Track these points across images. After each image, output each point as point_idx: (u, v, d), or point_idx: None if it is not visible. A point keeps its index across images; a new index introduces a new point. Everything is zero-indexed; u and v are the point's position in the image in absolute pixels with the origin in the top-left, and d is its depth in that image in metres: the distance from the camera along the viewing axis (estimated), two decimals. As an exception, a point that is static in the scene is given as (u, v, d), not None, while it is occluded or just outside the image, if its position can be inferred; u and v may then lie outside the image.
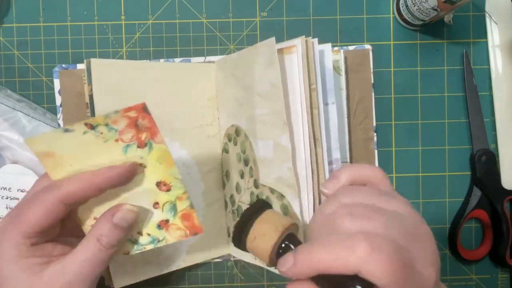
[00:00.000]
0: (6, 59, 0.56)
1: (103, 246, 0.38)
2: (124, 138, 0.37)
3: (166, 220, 0.40)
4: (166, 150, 0.38)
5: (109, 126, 0.36)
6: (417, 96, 0.57)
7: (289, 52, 0.45)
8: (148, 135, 0.37)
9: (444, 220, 0.57)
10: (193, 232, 0.41)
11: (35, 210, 0.37)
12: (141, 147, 0.38)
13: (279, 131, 0.44)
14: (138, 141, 0.38)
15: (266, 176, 0.47)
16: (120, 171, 0.38)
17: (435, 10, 0.50)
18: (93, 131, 0.36)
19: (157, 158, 0.38)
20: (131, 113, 0.36)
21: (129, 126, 0.37)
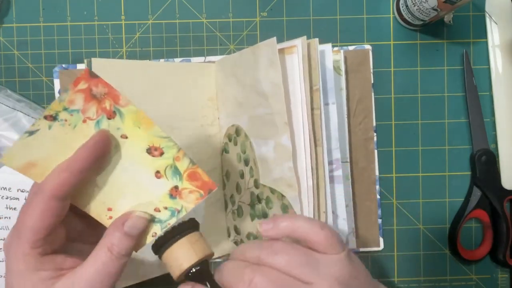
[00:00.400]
0: (6, 59, 0.56)
1: (114, 255, 0.37)
2: (90, 115, 0.36)
3: (175, 187, 0.39)
4: (137, 109, 0.36)
5: (69, 110, 0.35)
6: (417, 96, 0.57)
7: (290, 52, 0.45)
8: (111, 102, 0.36)
9: (444, 220, 0.57)
10: (207, 190, 0.39)
11: (30, 215, 0.36)
12: (111, 117, 0.36)
13: (280, 131, 0.44)
14: (105, 112, 0.36)
15: (267, 176, 0.47)
16: (91, 144, 0.36)
17: (435, 10, 0.50)
18: (56, 122, 0.35)
19: (133, 122, 0.37)
20: (82, 85, 0.34)
21: (88, 100, 0.35)
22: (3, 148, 0.53)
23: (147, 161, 0.38)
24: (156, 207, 0.39)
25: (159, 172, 0.39)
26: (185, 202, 0.39)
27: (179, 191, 0.39)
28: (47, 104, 0.56)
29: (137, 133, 0.37)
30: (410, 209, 0.57)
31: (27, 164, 0.36)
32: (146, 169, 0.39)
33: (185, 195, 0.39)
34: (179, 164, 0.38)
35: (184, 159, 0.38)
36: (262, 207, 0.48)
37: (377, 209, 0.56)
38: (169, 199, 0.39)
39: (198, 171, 0.39)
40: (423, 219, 0.57)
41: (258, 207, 0.49)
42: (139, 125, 0.37)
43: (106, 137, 0.37)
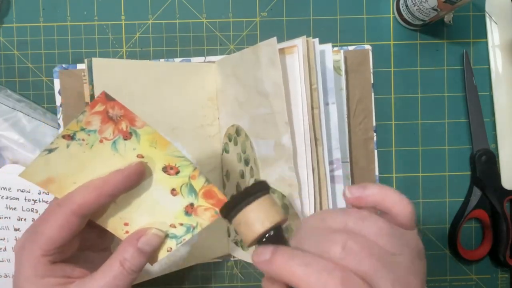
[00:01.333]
0: (6, 59, 0.56)
1: (125, 270, 0.37)
2: (107, 135, 0.37)
3: (190, 204, 0.39)
4: (154, 131, 0.37)
5: (86, 130, 0.36)
6: (417, 96, 0.57)
7: (290, 52, 0.45)
8: (127, 123, 0.36)
9: (444, 220, 0.57)
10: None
11: (50, 225, 0.36)
12: (127, 138, 0.37)
13: (281, 131, 0.44)
14: (122, 133, 0.37)
15: (267, 176, 0.47)
16: (127, 173, 0.37)
17: (435, 10, 0.50)
18: (74, 141, 0.36)
19: (149, 143, 0.37)
20: (99, 107, 0.35)
21: (104, 122, 0.36)
22: (3, 148, 0.53)
23: (163, 179, 0.39)
24: (172, 223, 0.40)
25: (174, 189, 0.39)
26: (200, 219, 0.40)
27: (194, 208, 0.40)
28: (47, 104, 0.56)
29: (153, 153, 0.38)
30: (410, 209, 0.57)
31: (47, 180, 0.37)
32: (163, 187, 0.39)
33: (200, 212, 0.40)
34: (194, 182, 0.39)
35: (200, 178, 0.39)
36: (263, 207, 0.48)
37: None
38: (185, 215, 0.40)
39: (213, 189, 0.39)
40: (423, 219, 0.57)
41: (259, 207, 0.49)
42: (155, 146, 0.37)
43: (142, 170, 0.38)
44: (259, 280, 0.57)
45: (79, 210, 0.36)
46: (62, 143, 0.36)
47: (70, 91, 0.54)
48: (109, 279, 0.37)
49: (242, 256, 0.53)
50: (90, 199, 0.36)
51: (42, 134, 0.54)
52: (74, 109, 0.54)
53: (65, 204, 0.36)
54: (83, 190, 0.37)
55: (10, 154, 0.53)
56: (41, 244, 0.36)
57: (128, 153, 0.38)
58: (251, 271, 0.57)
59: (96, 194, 0.36)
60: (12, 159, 0.53)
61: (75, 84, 0.54)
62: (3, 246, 0.53)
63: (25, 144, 0.53)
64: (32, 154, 0.53)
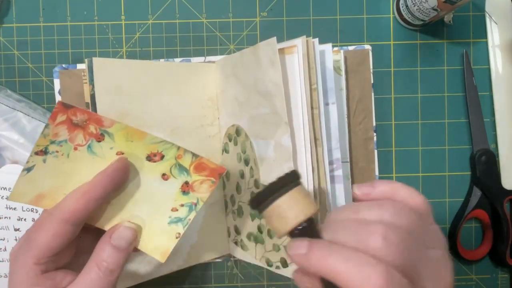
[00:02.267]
0: (6, 59, 0.56)
1: (102, 272, 0.37)
2: (79, 142, 0.37)
3: (185, 182, 0.39)
4: (125, 126, 0.37)
5: (56, 142, 0.36)
6: (417, 96, 0.57)
7: (290, 52, 0.45)
8: (95, 126, 0.36)
9: (444, 220, 0.57)
10: (217, 175, 0.39)
11: (43, 234, 0.36)
12: (100, 140, 0.37)
13: (280, 131, 0.44)
14: (93, 136, 0.37)
15: (267, 176, 0.47)
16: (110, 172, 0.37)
17: (435, 10, 0.50)
18: (49, 155, 0.36)
19: (125, 139, 0.37)
20: (60, 118, 0.35)
21: (71, 130, 0.36)
22: (3, 148, 0.53)
23: (151, 168, 0.39)
24: (173, 207, 0.40)
25: (165, 174, 0.39)
26: (199, 193, 0.40)
27: (190, 185, 0.39)
28: (47, 104, 0.56)
29: (131, 146, 0.38)
30: (410, 209, 0.57)
31: (37, 196, 0.37)
32: (153, 175, 0.39)
33: (197, 187, 0.39)
34: (182, 161, 0.39)
35: (186, 155, 0.39)
36: (263, 207, 0.48)
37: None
38: (183, 195, 0.40)
39: (203, 161, 0.39)
40: (423, 219, 0.57)
41: (259, 207, 0.49)
42: (131, 139, 0.37)
43: (124, 164, 0.38)
44: (259, 280, 0.57)
45: (71, 218, 0.36)
46: (37, 160, 0.36)
47: (70, 91, 0.54)
48: (87, 284, 0.36)
49: (242, 256, 0.53)
50: (80, 205, 0.36)
51: (42, 134, 0.54)
52: (74, 109, 0.54)
53: (56, 212, 0.36)
54: (71, 197, 0.37)
55: (10, 154, 0.53)
56: (34, 253, 0.36)
57: (107, 153, 0.38)
58: (251, 271, 0.57)
59: (85, 200, 0.36)
60: (12, 159, 0.53)
61: (75, 84, 0.54)
62: (3, 246, 0.53)
63: (25, 144, 0.53)
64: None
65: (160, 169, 0.39)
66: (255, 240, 0.50)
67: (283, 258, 0.47)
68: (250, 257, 0.52)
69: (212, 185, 0.39)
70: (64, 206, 0.36)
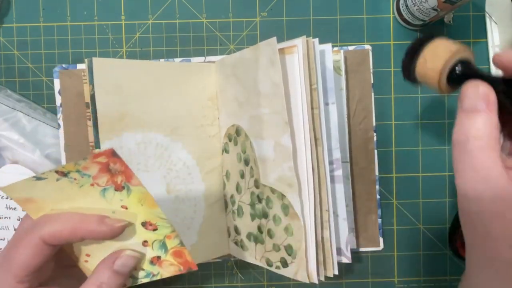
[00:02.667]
0: (6, 59, 0.56)
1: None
2: (100, 182, 0.37)
3: (157, 256, 0.40)
4: (146, 191, 0.37)
5: (81, 172, 0.36)
6: (417, 96, 0.57)
7: (290, 52, 0.45)
8: (123, 178, 0.37)
9: (444, 220, 0.57)
10: (187, 268, 0.40)
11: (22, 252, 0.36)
12: (118, 190, 0.37)
13: (280, 131, 0.44)
14: (115, 185, 0.37)
15: (267, 176, 0.47)
16: (105, 229, 0.37)
17: (435, 10, 0.50)
18: (65, 178, 0.36)
19: (138, 200, 0.38)
20: (101, 159, 0.35)
21: (102, 171, 0.36)
22: (3, 148, 0.53)
23: (140, 231, 0.39)
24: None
25: (146, 242, 0.40)
26: (163, 270, 0.41)
27: (160, 261, 0.40)
28: (47, 104, 0.56)
29: (138, 208, 0.38)
30: (410, 209, 0.57)
31: (27, 199, 0.37)
32: (136, 237, 0.40)
33: (165, 265, 0.40)
34: (168, 241, 0.40)
35: (175, 239, 0.39)
36: (263, 207, 0.48)
37: (377, 209, 0.56)
38: (149, 264, 0.41)
39: (184, 252, 0.40)
40: (423, 219, 0.57)
41: (259, 207, 0.49)
42: (142, 203, 0.38)
43: (120, 231, 0.38)
44: (259, 280, 0.57)
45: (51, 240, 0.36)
46: (52, 176, 0.36)
47: (70, 91, 0.54)
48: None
49: (242, 256, 0.53)
50: (63, 234, 0.36)
51: (42, 134, 0.54)
52: (74, 109, 0.54)
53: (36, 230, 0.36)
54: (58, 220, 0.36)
55: (10, 154, 0.53)
56: (15, 272, 0.36)
57: (114, 201, 0.38)
58: (251, 271, 0.57)
59: (71, 231, 0.36)
60: (12, 159, 0.53)
61: (75, 84, 0.54)
62: (3, 246, 0.53)
63: (25, 144, 0.53)
64: (32, 154, 0.53)
65: (146, 236, 0.40)
66: (255, 240, 0.50)
67: (283, 258, 0.47)
68: (250, 257, 0.52)
69: (178, 271, 0.41)
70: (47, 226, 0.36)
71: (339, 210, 0.51)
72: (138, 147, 0.49)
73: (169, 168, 0.51)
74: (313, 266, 0.45)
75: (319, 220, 0.46)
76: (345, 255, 0.52)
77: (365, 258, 0.57)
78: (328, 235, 0.46)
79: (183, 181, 0.52)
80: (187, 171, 0.52)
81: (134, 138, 0.49)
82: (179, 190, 0.52)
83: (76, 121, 0.54)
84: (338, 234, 0.51)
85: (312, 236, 0.45)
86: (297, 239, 0.45)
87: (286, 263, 0.47)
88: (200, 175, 0.53)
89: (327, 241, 0.46)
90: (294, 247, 0.46)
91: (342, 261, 0.52)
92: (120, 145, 0.48)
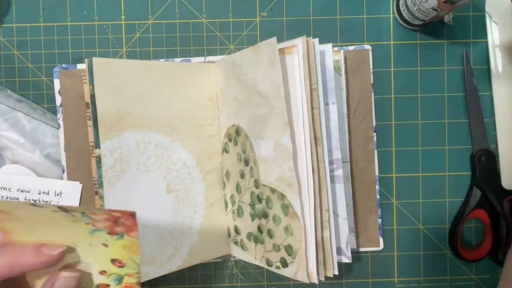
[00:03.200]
0: (6, 59, 0.56)
1: None
2: (98, 225, 0.36)
3: (107, 285, 0.39)
4: (136, 243, 0.37)
5: (85, 214, 0.36)
6: (417, 96, 0.57)
7: (290, 52, 0.45)
8: (124, 230, 0.36)
9: (444, 220, 0.57)
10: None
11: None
12: (111, 234, 0.37)
13: (280, 131, 0.44)
14: (111, 230, 0.37)
15: (267, 176, 0.47)
16: (45, 259, 0.36)
17: (435, 10, 0.50)
18: (64, 213, 0.36)
19: (123, 246, 0.37)
20: (116, 213, 0.35)
21: (108, 220, 0.36)
22: (3, 148, 0.53)
23: (105, 263, 0.38)
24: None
25: (105, 271, 0.39)
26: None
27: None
28: (47, 104, 0.56)
29: (118, 250, 0.38)
30: (410, 209, 0.57)
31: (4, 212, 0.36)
32: (98, 263, 0.39)
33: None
34: (127, 278, 0.39)
35: (134, 279, 0.39)
36: (263, 207, 0.48)
37: (377, 209, 0.56)
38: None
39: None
40: (423, 219, 0.57)
41: (258, 207, 0.49)
42: (125, 248, 0.37)
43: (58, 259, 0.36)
44: (259, 280, 0.57)
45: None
46: (51, 208, 0.35)
47: (70, 91, 0.54)
48: None
49: (242, 256, 0.53)
50: (3, 267, 0.35)
51: (42, 134, 0.54)
52: (74, 109, 0.54)
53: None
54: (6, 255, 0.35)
55: (10, 154, 0.53)
56: None
57: (96, 238, 0.37)
58: (251, 271, 0.57)
59: (8, 268, 0.35)
60: (12, 159, 0.53)
61: (75, 84, 0.54)
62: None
63: (25, 144, 0.53)
64: (32, 154, 0.53)
65: (107, 268, 0.39)
66: (255, 240, 0.50)
67: (283, 258, 0.47)
68: (250, 257, 0.52)
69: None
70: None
71: (339, 210, 0.51)
72: (138, 147, 0.49)
73: (169, 168, 0.51)
74: (313, 266, 0.45)
75: (319, 220, 0.46)
76: (345, 254, 0.52)
77: (365, 258, 0.57)
78: (328, 235, 0.46)
79: (183, 181, 0.52)
80: (187, 171, 0.52)
81: (134, 138, 0.49)
82: (179, 190, 0.52)
83: (76, 121, 0.54)
84: (339, 234, 0.51)
85: (312, 236, 0.45)
86: (297, 239, 0.45)
87: (286, 263, 0.47)
88: (200, 175, 0.53)
89: (327, 241, 0.46)
90: (294, 247, 0.46)
91: (342, 260, 0.52)
92: (120, 145, 0.48)
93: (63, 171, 0.54)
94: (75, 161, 0.54)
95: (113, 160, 0.48)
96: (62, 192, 0.54)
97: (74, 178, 0.54)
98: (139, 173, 0.50)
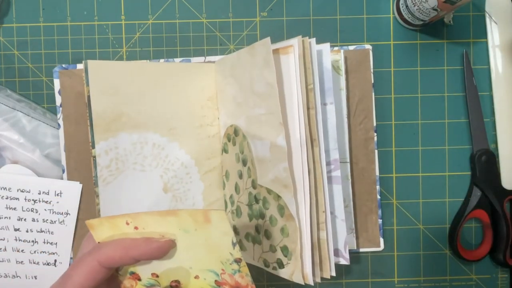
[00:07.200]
0: (6, 59, 0.56)
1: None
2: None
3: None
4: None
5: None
6: (417, 96, 0.56)
7: (285, 52, 0.45)
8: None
9: (444, 220, 0.57)
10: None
11: (79, 272, 0.37)
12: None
13: (275, 131, 0.44)
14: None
15: (263, 177, 0.47)
16: (156, 246, 0.37)
17: (435, 10, 0.50)
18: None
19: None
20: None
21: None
22: (3, 148, 0.53)
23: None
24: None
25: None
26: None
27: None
28: (47, 104, 0.56)
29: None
30: (410, 209, 0.57)
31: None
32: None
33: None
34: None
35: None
36: (260, 207, 0.48)
37: (377, 209, 0.56)
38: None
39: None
40: (423, 219, 0.57)
41: (256, 207, 0.49)
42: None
43: (170, 247, 0.38)
44: (259, 280, 0.57)
45: (106, 262, 0.37)
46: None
47: (70, 91, 0.54)
48: None
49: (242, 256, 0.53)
50: (116, 256, 0.37)
51: (42, 134, 0.54)
52: (74, 109, 0.54)
53: (94, 253, 0.37)
54: (112, 244, 0.38)
55: (10, 154, 0.53)
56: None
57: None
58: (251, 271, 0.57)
59: (123, 253, 0.37)
60: (12, 159, 0.53)
61: (75, 84, 0.54)
62: (3, 246, 0.54)
63: (25, 144, 0.53)
64: (32, 154, 0.53)
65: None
66: (253, 240, 0.50)
67: (279, 259, 0.47)
68: (248, 258, 0.52)
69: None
70: (104, 250, 0.37)
71: (337, 211, 0.51)
72: (134, 147, 0.50)
73: (166, 167, 0.51)
74: (308, 268, 0.45)
75: (315, 221, 0.45)
76: (343, 256, 0.52)
77: (365, 258, 0.57)
78: (325, 236, 0.46)
79: (181, 181, 0.52)
80: (185, 170, 0.52)
81: (130, 138, 0.49)
82: (176, 189, 0.52)
83: (76, 121, 0.54)
84: (336, 235, 0.51)
85: (308, 237, 0.44)
86: (292, 240, 0.45)
87: (282, 264, 0.47)
88: (198, 175, 0.53)
89: (324, 242, 0.46)
90: (289, 248, 0.45)
91: (340, 262, 0.52)
92: (116, 145, 0.49)
93: (63, 171, 0.54)
94: (75, 161, 0.54)
95: (109, 160, 0.49)
96: (62, 192, 0.54)
97: (74, 178, 0.54)
98: (135, 172, 0.50)
